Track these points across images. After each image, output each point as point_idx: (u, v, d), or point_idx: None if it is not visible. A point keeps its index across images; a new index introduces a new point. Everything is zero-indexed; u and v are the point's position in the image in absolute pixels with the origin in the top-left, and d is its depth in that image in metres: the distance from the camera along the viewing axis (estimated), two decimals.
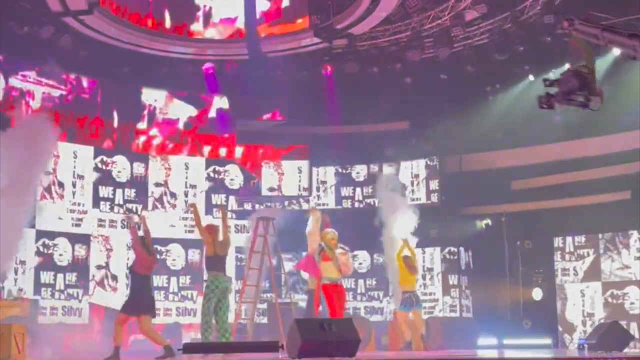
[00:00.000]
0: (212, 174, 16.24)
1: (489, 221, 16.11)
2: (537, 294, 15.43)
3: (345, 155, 16.51)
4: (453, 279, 15.50)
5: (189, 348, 8.12)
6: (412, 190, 16.01)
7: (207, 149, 16.46)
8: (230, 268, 15.42)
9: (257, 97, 14.73)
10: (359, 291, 15.71)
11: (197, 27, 15.35)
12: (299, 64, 15.21)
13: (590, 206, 14.78)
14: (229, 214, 14.86)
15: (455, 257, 15.59)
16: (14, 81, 14.10)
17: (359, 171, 16.49)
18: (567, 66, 15.09)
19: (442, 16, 14.65)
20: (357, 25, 14.22)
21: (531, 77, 15.75)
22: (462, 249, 15.76)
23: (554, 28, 13.76)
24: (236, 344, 9.94)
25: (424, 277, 15.23)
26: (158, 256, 15.09)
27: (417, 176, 16.16)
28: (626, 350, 10.45)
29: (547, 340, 14.33)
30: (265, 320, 14.41)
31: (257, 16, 14.91)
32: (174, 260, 15.61)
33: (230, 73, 15.48)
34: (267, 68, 14.56)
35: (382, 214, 14.35)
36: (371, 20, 14.12)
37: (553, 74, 15.43)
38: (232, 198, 16.20)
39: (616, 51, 14.54)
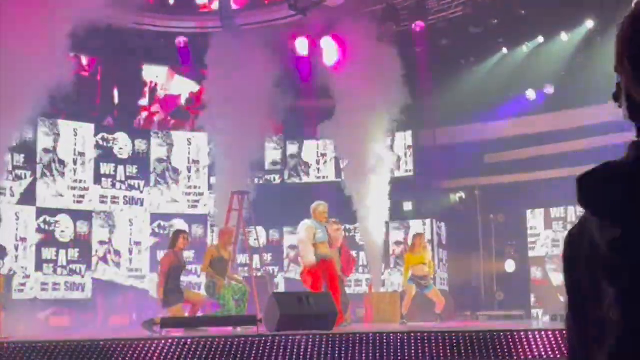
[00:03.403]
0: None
1: (462, 194, 16.21)
2: (509, 266, 15.59)
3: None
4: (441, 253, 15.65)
5: (167, 323, 8.11)
6: (406, 162, 16.07)
7: None
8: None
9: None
10: (360, 263, 15.70)
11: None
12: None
13: (563, 179, 14.89)
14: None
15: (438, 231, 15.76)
16: None
17: None
18: (540, 39, 15.33)
19: None
20: None
21: (505, 50, 15.81)
22: (443, 223, 15.87)
23: (528, 1, 13.78)
24: (214, 317, 9.95)
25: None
26: (162, 232, 15.29)
27: (409, 147, 16.20)
28: None
29: (520, 312, 14.50)
30: None
31: None
32: None
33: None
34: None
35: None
36: None
37: (526, 47, 15.62)
38: None
39: (589, 24, 14.68)
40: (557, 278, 14.96)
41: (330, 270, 9.90)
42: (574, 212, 14.94)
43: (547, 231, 15.23)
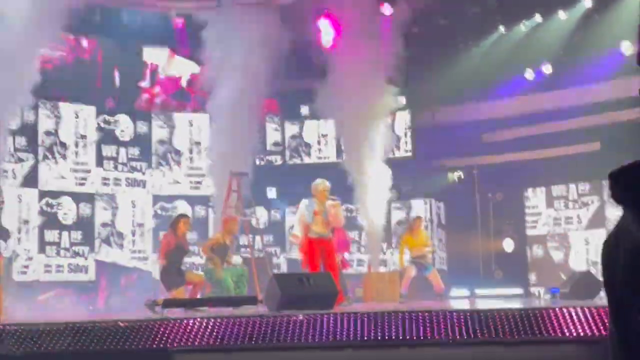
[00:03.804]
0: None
1: (461, 173, 16.24)
2: (508, 244, 15.65)
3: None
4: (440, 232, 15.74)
5: (169, 303, 8.17)
6: (406, 142, 16.09)
7: None
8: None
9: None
10: (362, 243, 15.75)
11: None
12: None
13: (560, 157, 14.93)
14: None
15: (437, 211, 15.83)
16: None
17: None
18: (538, 18, 15.30)
19: None
20: None
21: (502, 30, 15.78)
22: (442, 203, 15.91)
23: None
24: (215, 298, 10.00)
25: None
26: (164, 213, 15.33)
27: (409, 128, 16.18)
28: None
29: (519, 290, 14.57)
30: None
31: None
32: None
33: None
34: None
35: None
36: None
37: (524, 26, 15.60)
38: None
39: (587, 2, 14.66)
40: (559, 256, 15.04)
41: (328, 249, 9.94)
42: (575, 190, 14.99)
43: (549, 209, 15.28)
